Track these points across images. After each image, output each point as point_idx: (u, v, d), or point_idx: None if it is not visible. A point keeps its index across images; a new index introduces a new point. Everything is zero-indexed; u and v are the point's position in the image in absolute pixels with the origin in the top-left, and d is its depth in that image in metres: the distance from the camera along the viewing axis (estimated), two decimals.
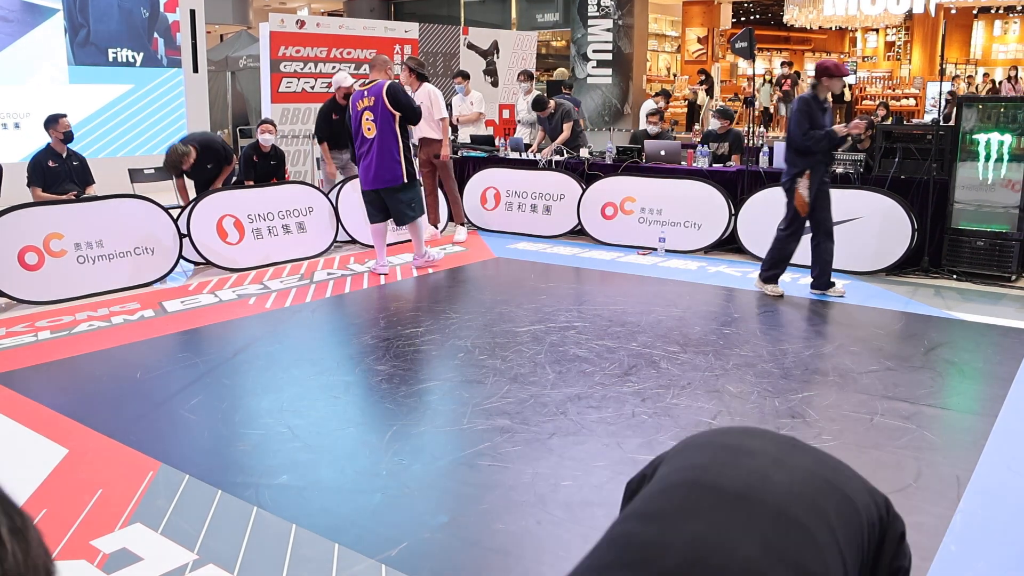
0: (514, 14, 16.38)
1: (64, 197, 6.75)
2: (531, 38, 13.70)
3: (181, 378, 4.32)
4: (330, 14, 20.12)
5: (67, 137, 7.02)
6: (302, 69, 10.04)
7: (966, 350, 4.87)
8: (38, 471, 3.24)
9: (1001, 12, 19.29)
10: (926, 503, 2.99)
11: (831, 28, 20.06)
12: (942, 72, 8.22)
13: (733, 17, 20.97)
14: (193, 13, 11.12)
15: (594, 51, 14.80)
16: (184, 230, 6.68)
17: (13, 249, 5.76)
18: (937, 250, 6.61)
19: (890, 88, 18.88)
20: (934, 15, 17.68)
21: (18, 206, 5.93)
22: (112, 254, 6.25)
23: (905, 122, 13.41)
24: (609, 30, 14.69)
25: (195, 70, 11.25)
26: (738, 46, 7.64)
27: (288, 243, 7.32)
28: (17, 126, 9.73)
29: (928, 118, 14.27)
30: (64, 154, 7.06)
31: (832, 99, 17.43)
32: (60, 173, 7.01)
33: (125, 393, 4.15)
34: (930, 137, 6.70)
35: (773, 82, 16.65)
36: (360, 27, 10.89)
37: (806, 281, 6.22)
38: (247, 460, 3.37)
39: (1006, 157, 6.34)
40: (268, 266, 7.04)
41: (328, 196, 7.75)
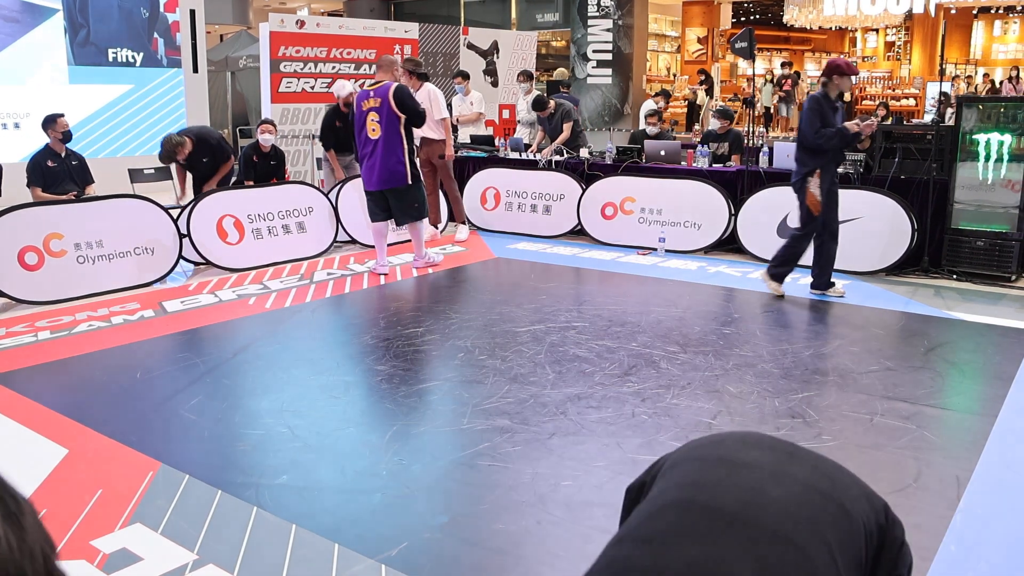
0: (514, 14, 16.38)
1: (64, 197, 6.75)
2: (531, 38, 13.71)
3: (181, 378, 4.32)
4: (330, 14, 20.13)
5: (66, 137, 7.02)
6: (302, 69, 10.04)
7: (966, 350, 4.87)
8: (38, 471, 3.24)
9: (1001, 12, 19.29)
10: (926, 503, 2.99)
11: (831, 28, 20.07)
12: (942, 72, 8.22)
13: (733, 17, 20.98)
14: (193, 13, 11.11)
15: (594, 51, 14.80)
16: (184, 230, 6.68)
17: (13, 249, 5.77)
18: (937, 250, 6.61)
19: (890, 88, 18.88)
20: (934, 15, 17.69)
21: (18, 206, 5.93)
22: (112, 254, 6.25)
23: (905, 122, 13.41)
24: (609, 30, 14.69)
25: (195, 70, 11.25)
26: (738, 46, 7.64)
27: (288, 243, 7.32)
28: (17, 126, 9.73)
29: (928, 118, 14.27)
30: (63, 154, 7.07)
31: None
32: (59, 173, 7.01)
33: (125, 393, 4.15)
34: (930, 137, 6.71)
35: (774, 82, 16.66)
36: (360, 27, 10.90)
37: (806, 281, 6.22)
38: (247, 460, 3.37)
39: (1006, 157, 6.34)
40: (268, 266, 7.04)
41: (328, 196, 7.75)
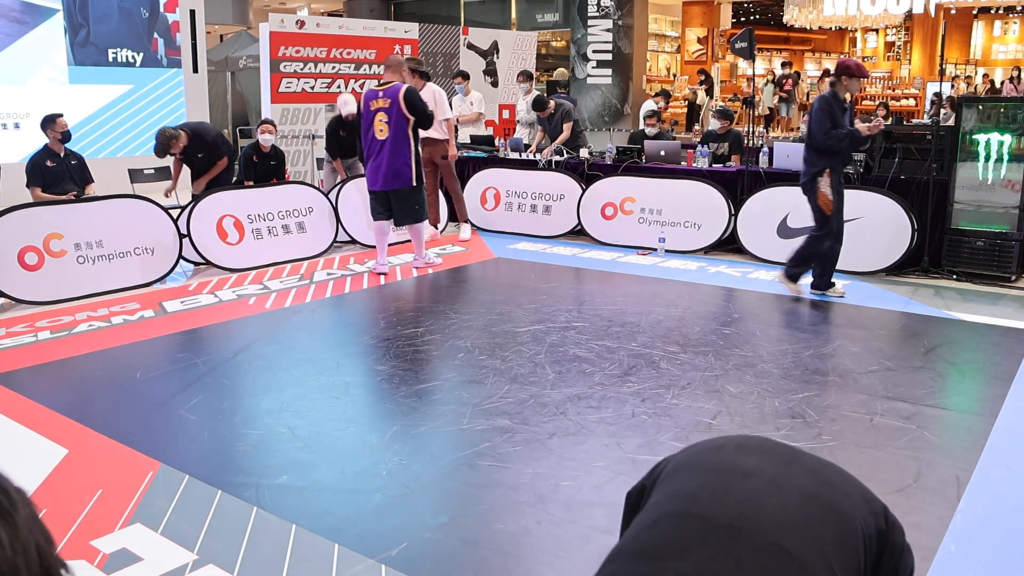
0: (514, 14, 16.38)
1: (64, 197, 6.75)
2: (531, 38, 13.71)
3: (181, 378, 4.32)
4: (330, 14, 20.12)
5: (65, 137, 7.01)
6: (302, 69, 10.04)
7: (966, 350, 4.87)
8: (38, 471, 3.24)
9: (1001, 12, 19.29)
10: (926, 503, 2.99)
11: (831, 28, 20.07)
12: (942, 72, 8.23)
13: (733, 17, 20.98)
14: (193, 13, 11.11)
15: (594, 51, 14.80)
16: (184, 230, 6.68)
17: (13, 249, 5.76)
18: (937, 250, 6.61)
19: (890, 88, 18.89)
20: (934, 15, 17.69)
21: (18, 206, 5.93)
22: (112, 254, 6.25)
23: (905, 122, 13.41)
24: (609, 30, 14.69)
25: (195, 70, 11.25)
26: (738, 46, 7.64)
27: (288, 243, 7.32)
28: (17, 126, 9.72)
29: (928, 118, 14.27)
30: (62, 154, 7.06)
31: None
32: (59, 173, 7.01)
33: (125, 393, 4.15)
34: (930, 137, 6.71)
35: (775, 82, 16.65)
36: (360, 27, 10.90)
37: (806, 281, 6.22)
38: (247, 460, 3.37)
39: (1006, 157, 6.34)
40: (268, 266, 7.04)
41: (328, 196, 7.75)
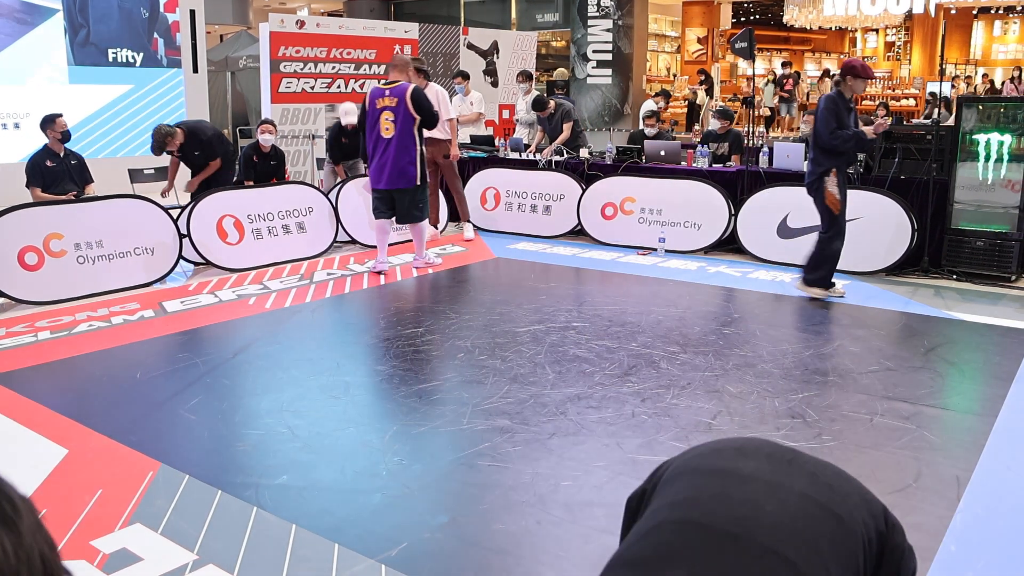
0: (514, 14, 16.38)
1: (64, 197, 6.75)
2: (531, 38, 13.70)
3: (181, 378, 4.32)
4: (330, 14, 20.12)
5: (64, 137, 7.01)
6: (302, 69, 10.04)
7: (966, 350, 4.87)
8: (38, 471, 3.24)
9: (1001, 12, 19.30)
10: (926, 503, 2.99)
11: (831, 28, 20.08)
12: (942, 72, 8.22)
13: (733, 17, 20.98)
14: (193, 13, 11.11)
15: (594, 51, 14.80)
16: (184, 230, 6.68)
17: (13, 249, 5.76)
18: (937, 250, 6.61)
19: (890, 88, 18.88)
20: (934, 15, 17.70)
21: (18, 206, 5.93)
22: (112, 254, 6.25)
23: (905, 122, 13.41)
24: (609, 30, 14.69)
25: (195, 70, 11.24)
26: (738, 46, 7.64)
27: (288, 243, 7.32)
28: (17, 126, 9.72)
29: (923, 118, 14.27)
30: (62, 154, 7.06)
31: None
32: (59, 173, 7.00)
33: (125, 393, 4.15)
34: (930, 137, 6.71)
35: (776, 82, 16.65)
36: (360, 27, 10.90)
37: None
38: (247, 460, 3.37)
39: (1006, 157, 6.34)
40: (268, 266, 7.04)
41: (328, 196, 7.75)
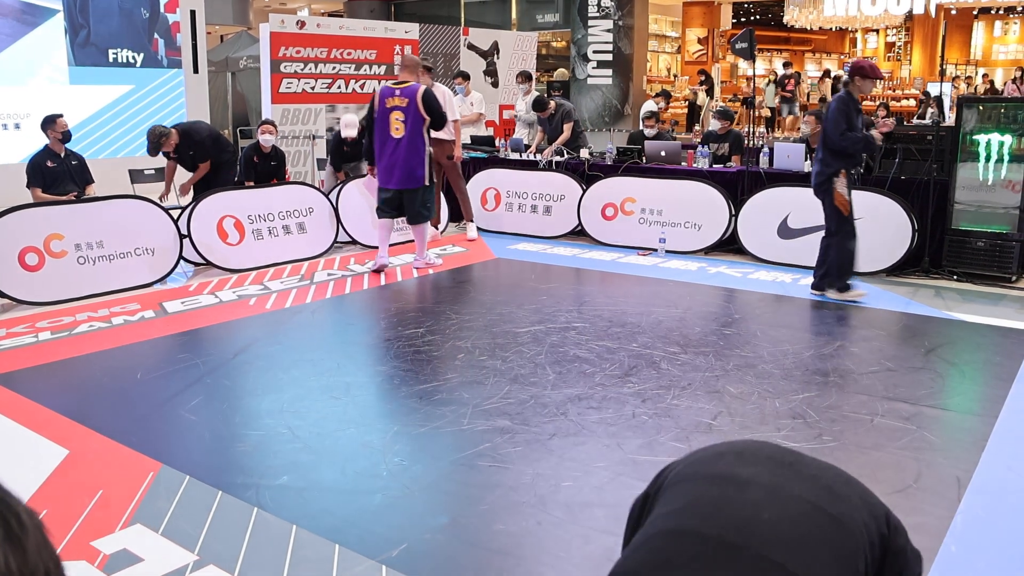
0: (514, 15, 16.37)
1: (64, 198, 6.75)
2: (531, 39, 13.70)
3: (181, 379, 4.32)
4: (330, 15, 20.12)
5: (65, 137, 7.00)
6: (302, 70, 10.04)
7: (966, 351, 4.87)
8: (39, 472, 3.25)
9: (1001, 13, 19.30)
10: (926, 504, 2.99)
11: (831, 29, 20.08)
12: (942, 73, 8.23)
13: (733, 18, 20.99)
14: (193, 14, 11.10)
15: (594, 52, 14.79)
16: (184, 231, 6.68)
17: (14, 250, 5.76)
18: (937, 251, 6.61)
19: (890, 89, 18.88)
20: (934, 16, 17.70)
21: (18, 207, 5.93)
22: (112, 255, 6.25)
23: (905, 123, 13.41)
24: (609, 31, 14.68)
25: (195, 71, 11.24)
26: (738, 47, 7.65)
27: (288, 244, 7.32)
28: (17, 127, 9.72)
29: (917, 119, 14.28)
30: (62, 154, 7.06)
31: None
32: (59, 173, 7.00)
33: (126, 394, 4.15)
34: (930, 138, 6.71)
35: (777, 83, 16.63)
36: (360, 28, 10.89)
37: (807, 282, 6.22)
38: (247, 461, 3.37)
39: (1006, 158, 6.34)
40: (268, 267, 7.04)
41: (328, 197, 7.75)
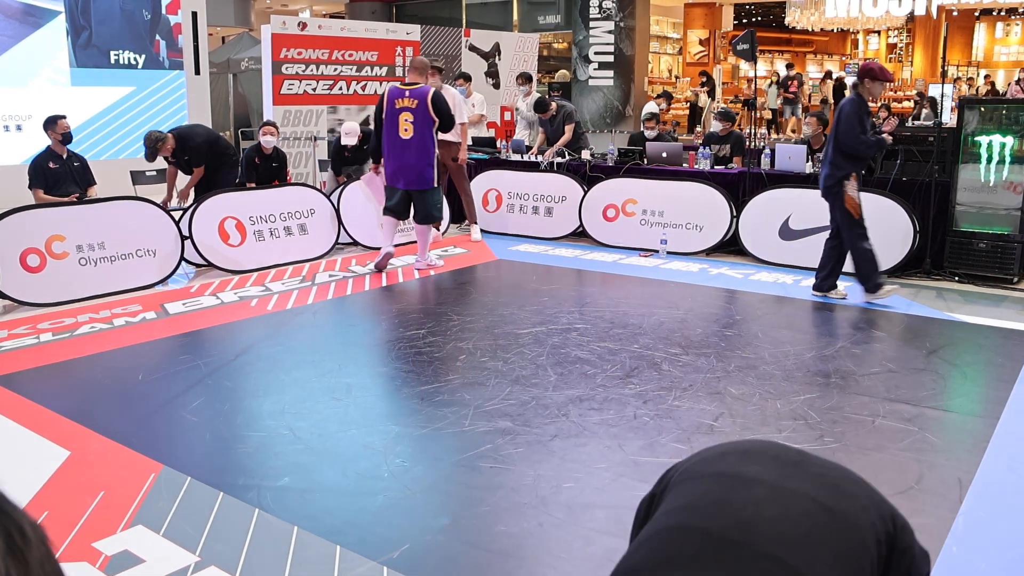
0: (516, 16, 16.38)
1: (66, 199, 6.75)
2: (533, 40, 13.71)
3: (183, 380, 4.33)
4: (332, 16, 20.14)
5: (65, 138, 7.01)
6: (304, 71, 10.05)
7: (968, 352, 4.87)
8: (40, 473, 3.25)
9: (1003, 14, 19.29)
10: (928, 505, 2.99)
11: (833, 30, 20.08)
12: (943, 74, 8.22)
13: (735, 19, 20.99)
14: (195, 15, 11.11)
15: (596, 53, 14.79)
16: (186, 232, 6.68)
17: (15, 251, 5.77)
18: (939, 252, 6.60)
19: (891, 90, 18.87)
20: (936, 17, 17.69)
21: (20, 208, 5.94)
22: (114, 256, 6.26)
23: (907, 124, 13.40)
24: (611, 32, 14.68)
25: (197, 72, 11.24)
26: (740, 48, 7.64)
27: (290, 245, 7.33)
28: (19, 128, 9.73)
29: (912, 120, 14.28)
30: (64, 155, 7.06)
31: (834, 102, 17.41)
32: (61, 174, 7.01)
33: (127, 395, 4.15)
34: (932, 139, 6.70)
35: (779, 84, 16.61)
36: (362, 29, 10.90)
37: (808, 283, 6.22)
38: (249, 462, 3.37)
39: (1008, 159, 6.34)
40: (270, 268, 7.04)
41: (329, 198, 7.75)
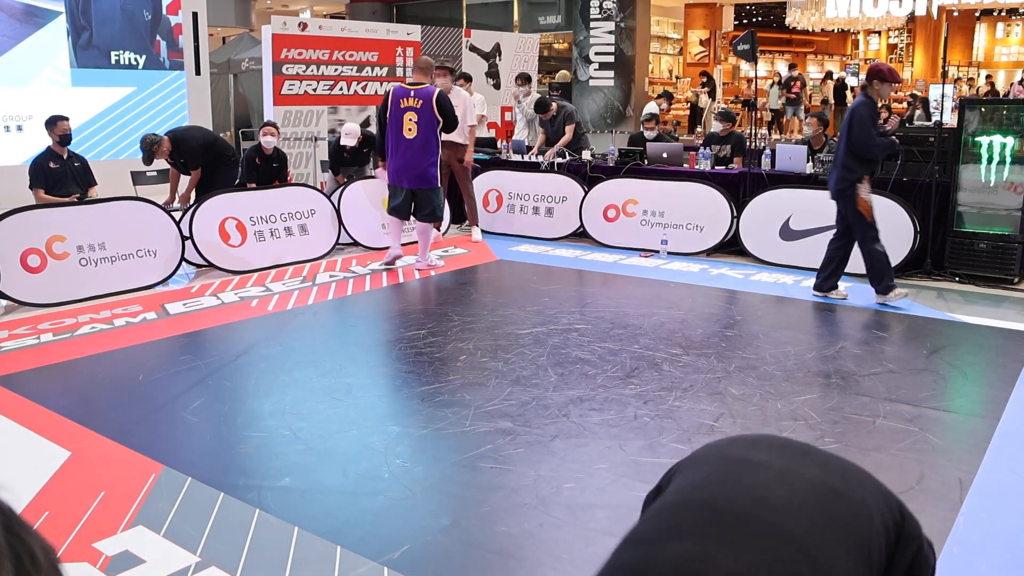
0: (516, 17, 16.38)
1: (66, 200, 6.75)
2: (533, 40, 13.71)
3: (183, 380, 4.33)
4: (332, 16, 20.14)
5: (64, 140, 7.01)
6: (304, 72, 10.05)
7: (969, 352, 4.87)
8: (41, 473, 3.25)
9: (1003, 15, 19.29)
10: (929, 506, 2.98)
11: (833, 30, 20.08)
12: (944, 75, 8.22)
13: (735, 19, 20.99)
14: (196, 16, 11.11)
15: (596, 53, 14.79)
16: (186, 232, 6.68)
17: (16, 251, 5.77)
18: (940, 252, 6.60)
19: (894, 90, 18.86)
20: (936, 17, 17.67)
21: (21, 208, 5.94)
22: (114, 256, 6.26)
23: (907, 124, 13.39)
24: (611, 32, 14.68)
25: (197, 72, 11.24)
26: (740, 48, 7.64)
27: (290, 245, 7.33)
28: (20, 128, 9.73)
29: (934, 119, 14.24)
30: (65, 156, 7.07)
31: (835, 102, 17.34)
32: (62, 175, 7.01)
33: (127, 395, 4.16)
34: (932, 139, 6.70)
35: (781, 84, 16.59)
36: (362, 29, 10.90)
37: (808, 283, 6.22)
38: (249, 462, 3.37)
39: (1008, 160, 6.34)
40: (270, 268, 7.04)
41: (330, 199, 7.76)
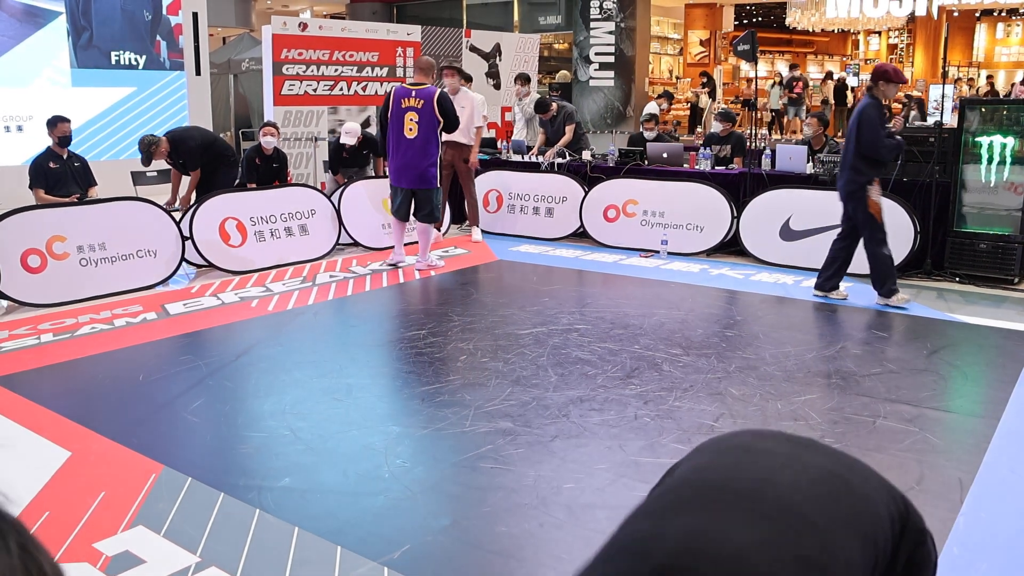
0: (516, 17, 16.38)
1: (67, 200, 6.76)
2: (533, 41, 13.71)
3: (183, 381, 4.33)
4: (332, 17, 20.14)
5: (63, 141, 7.01)
6: (304, 72, 10.05)
7: (969, 353, 4.87)
8: (41, 474, 3.25)
9: (1004, 15, 19.29)
10: (929, 506, 2.98)
11: (833, 31, 20.08)
12: (944, 75, 8.22)
13: (735, 20, 20.99)
14: (196, 16, 11.11)
15: (596, 54, 14.79)
16: (186, 232, 6.68)
17: (16, 251, 5.77)
18: (940, 253, 6.60)
19: (897, 91, 18.85)
20: (936, 17, 17.68)
21: (21, 208, 5.94)
22: (115, 257, 6.26)
23: (908, 124, 13.39)
24: (611, 33, 14.68)
25: (198, 73, 11.25)
26: (740, 48, 7.65)
27: (290, 246, 7.33)
28: (20, 129, 9.73)
29: (931, 120, 14.23)
30: (65, 156, 7.07)
31: (835, 103, 17.33)
32: (62, 175, 7.01)
33: (127, 396, 4.16)
34: (933, 140, 6.70)
35: (782, 84, 16.59)
36: (363, 30, 10.90)
37: (809, 284, 6.22)
38: (249, 463, 3.37)
39: (1009, 160, 6.34)
40: (270, 268, 7.04)
41: (330, 199, 7.76)
